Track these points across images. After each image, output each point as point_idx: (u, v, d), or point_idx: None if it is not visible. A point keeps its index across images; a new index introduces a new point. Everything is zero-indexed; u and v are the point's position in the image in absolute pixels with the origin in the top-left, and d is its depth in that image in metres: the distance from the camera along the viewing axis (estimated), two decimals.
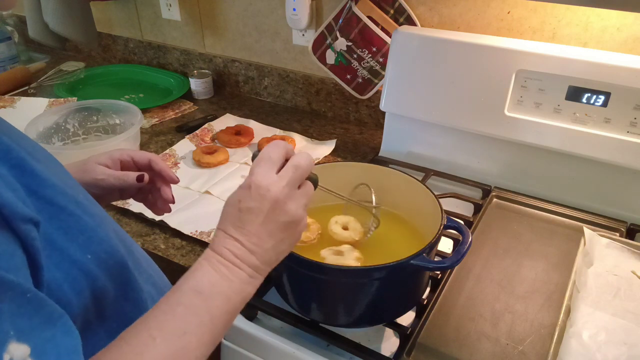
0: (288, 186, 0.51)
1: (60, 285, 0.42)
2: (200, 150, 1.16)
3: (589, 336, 0.65)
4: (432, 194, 0.74)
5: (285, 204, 0.51)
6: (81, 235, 0.45)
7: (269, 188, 0.50)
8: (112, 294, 0.49)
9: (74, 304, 0.44)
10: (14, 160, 0.41)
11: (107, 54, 1.78)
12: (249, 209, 0.51)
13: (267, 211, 0.51)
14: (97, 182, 0.65)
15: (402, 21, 1.16)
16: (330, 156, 1.19)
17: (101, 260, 0.47)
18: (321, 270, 0.64)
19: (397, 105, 1.09)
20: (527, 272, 0.81)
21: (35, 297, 0.37)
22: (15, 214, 0.37)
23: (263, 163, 0.52)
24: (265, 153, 0.53)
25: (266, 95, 1.49)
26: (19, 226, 0.37)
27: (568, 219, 0.93)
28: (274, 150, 0.53)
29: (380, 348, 0.71)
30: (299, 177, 0.53)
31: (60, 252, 0.43)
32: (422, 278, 0.71)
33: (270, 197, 0.50)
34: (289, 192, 0.52)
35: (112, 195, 0.68)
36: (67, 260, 0.44)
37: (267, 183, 0.51)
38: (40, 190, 0.42)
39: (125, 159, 0.69)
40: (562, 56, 0.89)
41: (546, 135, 0.94)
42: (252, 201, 0.51)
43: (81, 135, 1.16)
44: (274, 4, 1.34)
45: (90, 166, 0.66)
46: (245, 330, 0.75)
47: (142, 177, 0.67)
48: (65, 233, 0.44)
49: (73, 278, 0.44)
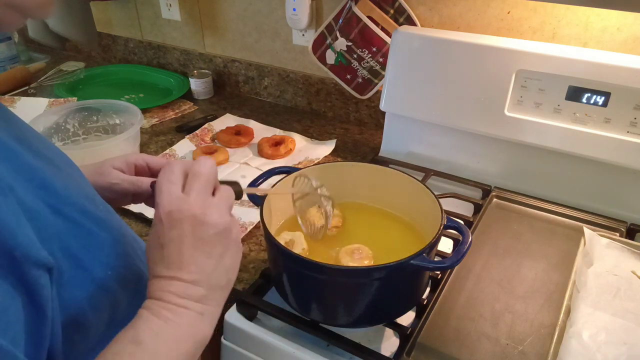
0: (199, 196, 0.47)
1: (81, 305, 0.42)
2: (200, 150, 1.16)
3: (589, 336, 0.65)
4: (432, 194, 0.74)
5: (205, 216, 0.46)
6: (101, 253, 0.45)
7: (181, 208, 0.45)
8: (125, 303, 0.49)
9: (90, 320, 0.44)
10: (39, 182, 0.40)
11: (107, 54, 1.78)
12: (171, 240, 0.45)
13: (190, 233, 0.45)
14: (112, 186, 0.64)
15: (402, 21, 1.16)
16: (330, 156, 1.19)
17: (120, 276, 0.47)
18: (321, 270, 0.64)
19: (397, 105, 1.09)
20: (527, 272, 0.81)
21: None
22: (29, 258, 0.35)
23: (164, 188, 0.47)
24: (161, 178, 0.48)
25: (266, 95, 1.49)
26: (29, 271, 0.36)
27: (568, 219, 0.93)
28: (170, 171, 0.48)
29: (380, 348, 0.71)
30: (205, 184, 0.48)
31: (84, 270, 0.42)
32: (422, 278, 0.71)
33: (186, 217, 0.45)
34: (203, 202, 0.47)
35: (125, 199, 0.67)
36: (89, 279, 0.43)
37: (177, 204, 0.46)
38: (64, 208, 0.41)
39: (140, 163, 0.68)
40: (562, 56, 0.89)
41: (546, 135, 0.94)
42: (170, 231, 0.45)
43: (81, 135, 1.16)
44: (274, 4, 1.34)
45: (106, 169, 0.65)
46: (245, 330, 0.75)
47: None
48: (88, 251, 0.43)
49: (93, 296, 0.43)
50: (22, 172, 0.39)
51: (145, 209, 0.85)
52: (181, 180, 0.48)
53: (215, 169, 0.50)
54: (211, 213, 0.46)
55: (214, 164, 0.50)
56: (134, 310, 0.51)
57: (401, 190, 0.80)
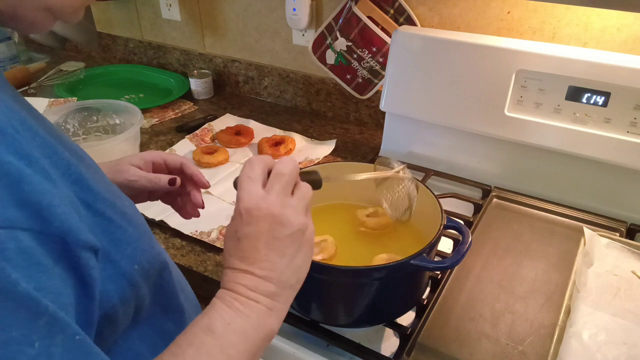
0: (278, 197, 0.48)
1: (111, 298, 0.42)
2: (200, 150, 1.16)
3: (589, 336, 0.65)
4: (432, 194, 0.74)
5: (282, 216, 0.47)
6: (128, 247, 0.46)
7: (260, 207, 0.47)
8: (148, 300, 0.50)
9: (119, 314, 0.44)
10: (74, 176, 0.41)
11: (107, 54, 1.78)
12: (247, 235, 0.47)
13: (266, 231, 0.47)
14: (130, 183, 0.65)
15: (402, 21, 1.16)
16: (330, 156, 1.19)
17: (144, 270, 0.47)
18: (321, 270, 0.64)
19: (397, 105, 1.09)
20: (527, 272, 0.81)
21: (84, 342, 0.36)
22: (79, 242, 0.37)
23: (245, 185, 0.49)
24: (244, 174, 0.50)
25: (266, 95, 1.49)
26: (80, 254, 0.37)
27: (568, 219, 0.93)
28: (251, 168, 0.50)
29: (380, 348, 0.71)
30: (285, 185, 0.49)
31: (113, 264, 0.43)
32: (422, 278, 0.71)
33: (264, 215, 0.47)
34: (282, 202, 0.48)
35: (142, 196, 0.68)
36: (118, 273, 0.44)
37: (256, 202, 0.47)
38: (95, 204, 0.42)
39: (158, 161, 0.68)
40: (562, 56, 0.89)
41: (546, 135, 0.94)
42: (247, 226, 0.47)
43: (81, 135, 1.16)
44: (274, 4, 1.34)
45: (123, 167, 0.66)
46: None
47: (174, 180, 0.66)
48: (116, 245, 0.44)
49: (122, 289, 0.44)
50: (59, 166, 0.40)
51: (145, 208, 0.85)
52: (261, 177, 0.49)
53: (297, 169, 0.51)
54: (288, 214, 0.48)
55: (296, 165, 0.51)
56: (157, 309, 0.52)
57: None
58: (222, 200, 1.02)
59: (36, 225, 0.34)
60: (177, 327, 0.54)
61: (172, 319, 0.54)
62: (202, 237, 0.92)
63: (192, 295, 0.62)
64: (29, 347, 0.32)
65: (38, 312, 0.33)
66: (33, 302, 0.33)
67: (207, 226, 0.94)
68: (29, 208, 0.34)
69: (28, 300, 0.32)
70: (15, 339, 0.32)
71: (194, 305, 0.61)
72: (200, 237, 0.91)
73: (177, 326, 0.54)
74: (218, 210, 0.99)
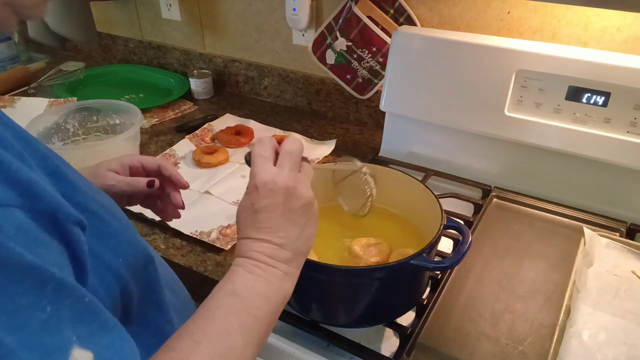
0: (291, 172, 0.52)
1: (97, 291, 0.43)
2: (200, 150, 1.16)
3: (589, 336, 0.65)
4: (432, 194, 0.74)
5: (296, 190, 0.52)
6: (112, 240, 0.46)
7: (276, 180, 0.51)
8: (137, 296, 0.50)
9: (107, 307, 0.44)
10: (50, 168, 0.41)
11: (107, 54, 1.78)
12: (264, 207, 0.51)
13: (282, 202, 0.51)
14: (108, 187, 0.65)
15: (402, 21, 1.16)
16: (330, 156, 1.19)
17: (130, 264, 0.48)
18: (321, 270, 0.64)
19: (397, 105, 1.09)
20: (527, 272, 0.81)
21: (92, 303, 0.37)
22: (69, 216, 0.38)
23: (258, 161, 0.53)
24: (257, 152, 0.54)
25: (266, 95, 1.49)
26: (71, 229, 0.38)
27: (568, 219, 0.93)
28: (262, 147, 0.54)
29: (380, 348, 0.71)
30: (295, 161, 0.54)
31: (96, 257, 0.43)
32: (422, 278, 0.71)
33: (280, 188, 0.51)
34: (295, 178, 0.52)
35: (121, 201, 0.68)
36: (102, 266, 0.44)
37: (272, 177, 0.51)
38: (74, 197, 0.42)
39: (135, 164, 0.69)
40: (562, 56, 0.89)
41: (546, 135, 0.94)
42: (264, 199, 0.51)
43: (81, 136, 1.16)
44: (274, 4, 1.34)
45: (101, 172, 0.66)
46: None
47: (153, 182, 0.67)
48: (99, 239, 0.44)
49: (108, 283, 0.44)
50: (35, 157, 0.40)
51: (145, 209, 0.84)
52: (272, 154, 0.54)
53: (302, 147, 0.56)
54: (300, 188, 0.52)
55: (302, 143, 0.56)
56: (150, 309, 0.52)
57: (401, 190, 0.80)
58: (222, 200, 1.02)
59: (27, 203, 0.35)
60: (170, 325, 0.54)
61: (166, 318, 0.54)
62: (202, 237, 0.92)
63: (184, 293, 0.61)
64: (40, 311, 0.33)
65: (44, 280, 0.34)
66: (39, 271, 0.33)
67: (207, 226, 0.94)
68: (18, 186, 0.34)
69: (33, 269, 0.33)
70: (25, 305, 0.32)
71: (186, 303, 0.61)
72: (200, 237, 0.91)
73: (171, 325, 0.54)
74: (218, 210, 0.99)
